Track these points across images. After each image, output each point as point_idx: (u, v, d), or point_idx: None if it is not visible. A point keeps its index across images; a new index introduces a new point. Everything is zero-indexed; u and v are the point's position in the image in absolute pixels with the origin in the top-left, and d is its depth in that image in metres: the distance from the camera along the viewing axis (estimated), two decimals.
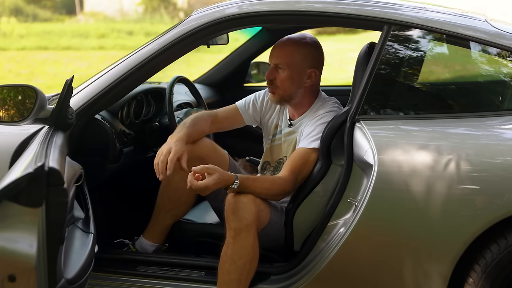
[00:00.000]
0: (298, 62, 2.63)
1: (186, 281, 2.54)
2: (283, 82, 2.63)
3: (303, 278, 2.39)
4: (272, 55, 2.67)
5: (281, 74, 2.63)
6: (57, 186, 1.83)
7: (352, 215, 2.31)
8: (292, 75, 2.63)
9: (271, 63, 2.67)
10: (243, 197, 2.39)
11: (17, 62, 13.39)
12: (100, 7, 22.92)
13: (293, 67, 2.63)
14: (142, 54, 2.56)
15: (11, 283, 1.77)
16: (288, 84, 2.63)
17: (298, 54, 2.63)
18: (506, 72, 2.41)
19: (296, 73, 2.63)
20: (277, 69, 2.64)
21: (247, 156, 3.24)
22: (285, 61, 2.62)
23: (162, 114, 3.29)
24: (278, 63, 2.64)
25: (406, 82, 2.47)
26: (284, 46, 2.66)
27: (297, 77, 2.64)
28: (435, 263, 2.23)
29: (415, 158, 2.23)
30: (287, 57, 2.63)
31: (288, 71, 2.62)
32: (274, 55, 2.66)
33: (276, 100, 2.68)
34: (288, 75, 2.62)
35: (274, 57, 2.66)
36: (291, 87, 2.64)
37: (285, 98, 2.67)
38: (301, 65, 2.64)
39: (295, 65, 2.63)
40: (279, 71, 2.64)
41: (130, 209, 3.13)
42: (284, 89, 2.64)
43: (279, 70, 2.64)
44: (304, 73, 2.65)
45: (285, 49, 2.65)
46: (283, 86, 2.64)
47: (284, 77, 2.63)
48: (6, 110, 2.43)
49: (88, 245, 2.17)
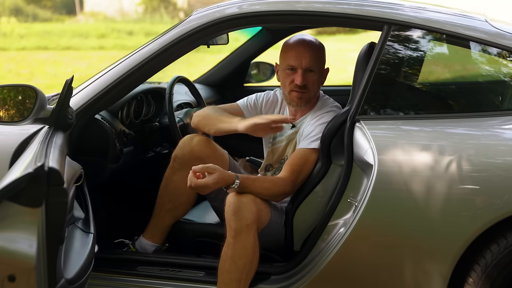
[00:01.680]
0: (322, 63, 2.70)
1: (186, 281, 2.53)
2: (314, 84, 2.67)
3: (303, 278, 2.39)
4: (304, 59, 2.63)
5: (312, 77, 2.65)
6: (57, 186, 1.83)
7: (352, 215, 2.31)
8: (319, 76, 2.69)
9: (301, 67, 2.63)
10: (243, 197, 2.39)
11: (17, 62, 13.39)
12: (100, 7, 22.91)
13: (321, 69, 2.69)
14: (142, 54, 2.56)
15: (11, 283, 1.77)
16: (317, 86, 2.70)
17: (322, 56, 2.70)
18: (506, 72, 2.41)
19: (322, 74, 2.71)
20: (308, 72, 2.64)
21: (247, 156, 3.24)
22: (317, 63, 2.66)
23: (162, 114, 3.29)
24: (311, 66, 2.64)
25: (406, 82, 2.47)
26: (312, 49, 2.67)
27: (321, 78, 2.72)
28: (435, 263, 2.23)
29: (415, 158, 2.23)
30: (318, 60, 2.66)
31: (318, 73, 2.67)
32: (305, 58, 2.63)
33: (303, 103, 2.69)
34: (317, 77, 2.67)
35: (305, 61, 2.63)
36: (317, 88, 2.71)
37: (309, 100, 2.70)
38: (323, 66, 2.72)
39: (322, 67, 2.70)
40: (310, 74, 2.65)
41: (130, 209, 3.13)
42: (314, 91, 2.69)
43: (311, 73, 2.65)
44: (324, 74, 2.73)
45: (314, 52, 2.66)
46: (313, 88, 2.68)
47: (315, 79, 2.67)
48: (6, 110, 2.43)
49: (88, 245, 2.17)
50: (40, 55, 14.46)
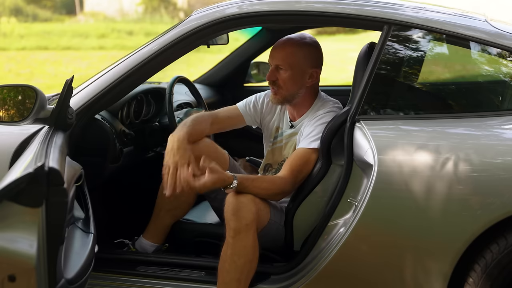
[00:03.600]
0: (299, 62, 2.64)
1: (186, 281, 2.54)
2: (285, 82, 2.64)
3: (303, 278, 2.39)
4: (273, 56, 2.67)
5: (282, 75, 2.63)
6: (57, 186, 1.83)
7: (352, 215, 2.31)
8: (294, 75, 2.63)
9: (272, 64, 2.66)
10: (242, 197, 2.39)
11: (17, 62, 13.38)
12: (100, 7, 22.90)
13: (294, 67, 2.63)
14: (142, 54, 2.56)
15: (11, 283, 1.77)
16: (290, 84, 2.64)
17: (299, 54, 2.64)
18: (506, 72, 2.41)
19: (298, 73, 2.64)
20: (278, 70, 2.64)
21: (247, 156, 3.24)
22: (287, 61, 2.63)
23: (162, 114, 3.29)
24: (279, 64, 2.63)
25: (406, 82, 2.47)
26: (285, 46, 2.66)
27: (299, 77, 2.64)
28: (435, 263, 2.23)
29: (415, 158, 2.23)
30: (288, 58, 2.63)
31: (290, 71, 2.63)
32: (274, 56, 2.66)
33: (278, 101, 2.68)
34: (290, 75, 2.63)
35: (275, 58, 2.65)
36: (294, 87, 2.65)
37: (287, 99, 2.67)
38: (302, 65, 2.64)
39: (297, 65, 2.64)
40: (281, 71, 2.64)
41: (130, 209, 3.13)
42: (286, 89, 2.65)
43: (281, 71, 2.64)
44: (306, 73, 2.65)
45: (285, 50, 2.65)
46: (285, 86, 2.64)
47: (286, 77, 2.63)
48: (6, 110, 2.42)
49: (88, 245, 2.17)
50: (40, 55, 14.45)
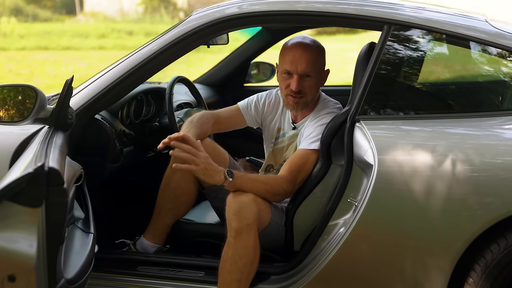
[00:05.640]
0: (322, 67, 2.66)
1: (186, 281, 2.53)
2: (311, 89, 2.63)
3: (303, 278, 2.39)
4: (298, 64, 2.58)
5: (309, 82, 2.62)
6: (57, 186, 1.83)
7: (352, 215, 2.31)
8: (318, 80, 2.65)
9: (297, 72, 2.59)
10: (244, 197, 2.39)
11: (17, 62, 13.38)
12: (100, 7, 22.90)
13: (319, 73, 2.65)
14: (142, 54, 2.56)
15: (11, 283, 1.77)
16: (315, 90, 2.66)
17: (321, 59, 2.66)
18: (506, 72, 2.41)
19: (321, 78, 2.66)
20: (305, 77, 2.61)
21: (247, 156, 3.24)
22: (314, 68, 2.62)
23: (162, 114, 3.29)
24: (307, 71, 2.59)
25: (406, 82, 2.47)
26: (309, 53, 2.61)
27: (320, 82, 2.67)
28: (435, 263, 2.23)
29: (415, 158, 2.23)
30: (315, 64, 2.62)
31: (316, 78, 2.63)
32: (301, 63, 2.58)
33: (300, 108, 2.66)
34: (315, 82, 2.64)
35: (302, 66, 2.58)
36: (316, 92, 2.67)
37: (307, 104, 2.67)
38: (322, 69, 2.67)
39: (320, 71, 2.66)
40: (307, 79, 2.61)
41: (130, 209, 3.13)
42: (311, 96, 2.65)
43: (307, 78, 2.61)
44: (324, 76, 2.69)
45: (311, 56, 2.61)
46: (311, 93, 2.64)
47: (312, 84, 2.63)
48: (6, 110, 2.42)
49: (88, 245, 2.17)
50: (40, 55, 14.45)
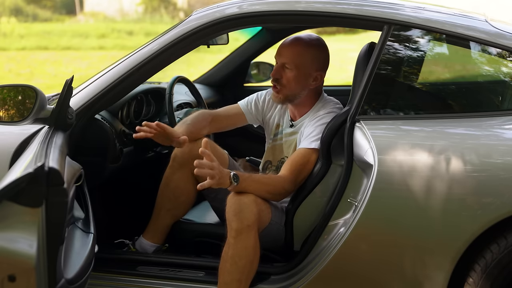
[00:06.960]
0: (306, 63, 2.62)
1: (186, 281, 2.53)
2: (289, 81, 2.62)
3: (303, 278, 2.39)
4: (280, 53, 2.64)
5: (287, 74, 2.62)
6: (57, 186, 1.83)
7: (352, 215, 2.31)
8: (299, 76, 2.62)
9: (278, 61, 2.64)
10: (244, 198, 2.39)
11: (17, 62, 13.38)
12: (100, 7, 22.90)
13: (301, 68, 2.61)
14: (142, 54, 2.56)
15: (11, 283, 1.77)
16: (294, 84, 2.62)
17: (307, 56, 2.62)
18: (506, 72, 2.41)
19: (303, 74, 2.62)
20: (283, 68, 2.62)
21: (247, 156, 3.24)
22: (294, 61, 2.60)
23: (162, 114, 3.29)
24: (286, 62, 2.61)
25: (406, 82, 2.47)
26: (294, 45, 2.64)
27: (303, 79, 2.63)
28: (435, 263, 2.23)
29: (415, 158, 2.23)
30: (296, 58, 2.61)
31: (295, 72, 2.61)
32: (282, 53, 2.63)
33: (279, 100, 2.67)
34: (295, 75, 2.61)
35: (282, 56, 2.63)
36: (297, 87, 2.63)
37: (289, 98, 2.66)
38: (308, 67, 2.63)
39: (303, 66, 2.62)
40: (286, 70, 2.62)
41: (130, 209, 3.13)
42: (289, 89, 2.63)
43: (286, 70, 2.62)
44: (311, 75, 2.64)
45: (294, 49, 2.62)
46: (289, 85, 2.63)
47: (291, 77, 2.61)
48: (6, 110, 2.42)
49: (88, 245, 2.17)
50: (40, 55, 14.45)
